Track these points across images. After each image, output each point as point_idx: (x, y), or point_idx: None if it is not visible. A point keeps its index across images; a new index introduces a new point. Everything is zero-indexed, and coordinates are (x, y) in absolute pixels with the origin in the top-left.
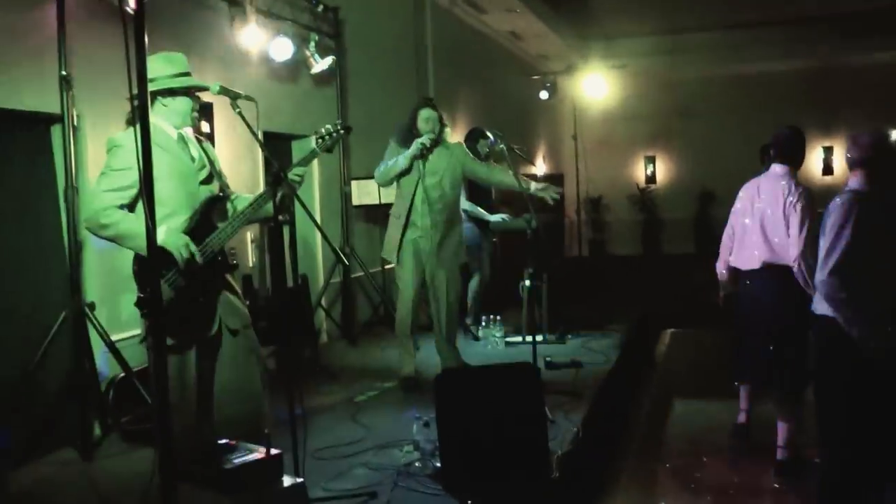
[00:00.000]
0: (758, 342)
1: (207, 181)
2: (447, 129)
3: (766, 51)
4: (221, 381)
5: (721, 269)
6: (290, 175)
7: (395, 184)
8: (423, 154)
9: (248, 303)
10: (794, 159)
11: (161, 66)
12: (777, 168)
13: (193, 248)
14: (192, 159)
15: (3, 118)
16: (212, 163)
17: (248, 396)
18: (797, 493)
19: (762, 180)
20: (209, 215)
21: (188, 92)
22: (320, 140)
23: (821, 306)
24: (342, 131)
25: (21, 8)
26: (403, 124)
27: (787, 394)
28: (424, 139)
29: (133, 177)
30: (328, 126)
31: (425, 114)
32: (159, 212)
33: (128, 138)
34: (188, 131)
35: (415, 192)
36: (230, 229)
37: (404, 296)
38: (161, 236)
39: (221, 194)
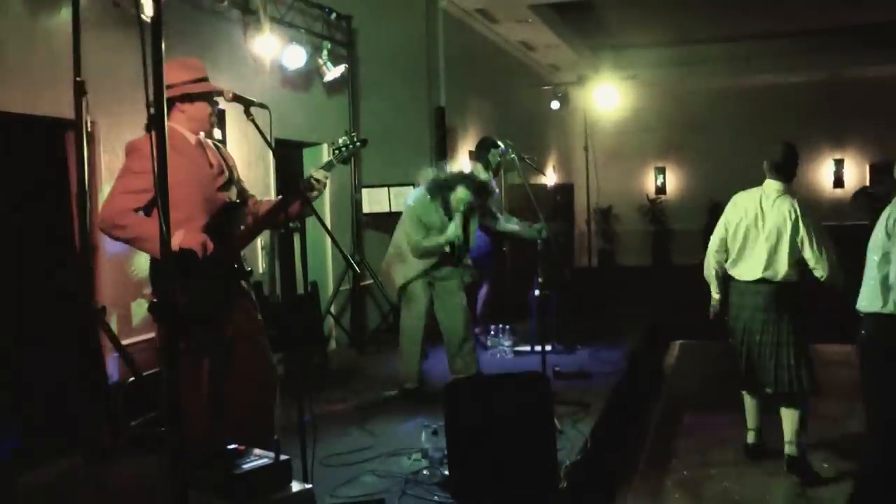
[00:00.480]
0: (758, 350)
1: (225, 187)
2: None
3: (777, 62)
4: (232, 386)
5: (718, 274)
6: (316, 174)
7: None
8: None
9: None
10: (791, 175)
11: (179, 72)
12: (776, 185)
13: (210, 244)
14: (210, 165)
15: (18, 123)
16: (230, 169)
17: (259, 402)
18: None
19: (763, 198)
20: (226, 221)
21: (206, 97)
22: (336, 152)
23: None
24: (358, 144)
25: (37, 14)
26: (439, 181)
27: (792, 395)
28: (457, 233)
29: (150, 180)
30: (344, 138)
31: (461, 194)
32: (175, 216)
33: (146, 142)
34: (206, 137)
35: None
36: (250, 236)
37: (418, 307)
38: (179, 237)
39: (239, 201)
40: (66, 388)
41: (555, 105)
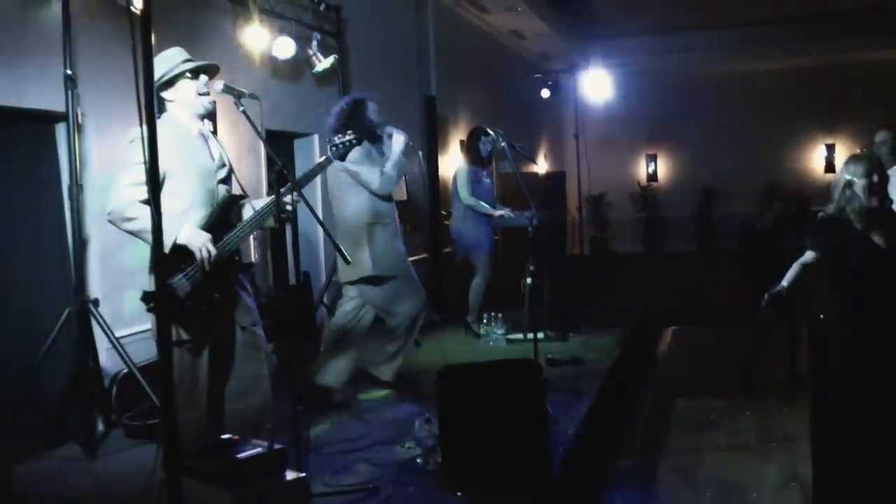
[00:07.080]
0: None
1: (226, 181)
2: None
3: (768, 49)
4: (229, 377)
5: None
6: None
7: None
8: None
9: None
10: None
11: (173, 55)
12: None
13: (213, 248)
14: (212, 157)
15: (8, 116)
16: (230, 162)
17: (254, 392)
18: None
19: None
20: (227, 214)
21: (180, 77)
22: (333, 148)
23: None
24: (354, 141)
25: (26, 7)
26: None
27: None
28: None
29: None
30: (340, 135)
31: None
32: (178, 206)
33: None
34: (206, 129)
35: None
36: (248, 228)
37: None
38: (184, 234)
39: (239, 194)
40: (60, 379)
41: (545, 93)
